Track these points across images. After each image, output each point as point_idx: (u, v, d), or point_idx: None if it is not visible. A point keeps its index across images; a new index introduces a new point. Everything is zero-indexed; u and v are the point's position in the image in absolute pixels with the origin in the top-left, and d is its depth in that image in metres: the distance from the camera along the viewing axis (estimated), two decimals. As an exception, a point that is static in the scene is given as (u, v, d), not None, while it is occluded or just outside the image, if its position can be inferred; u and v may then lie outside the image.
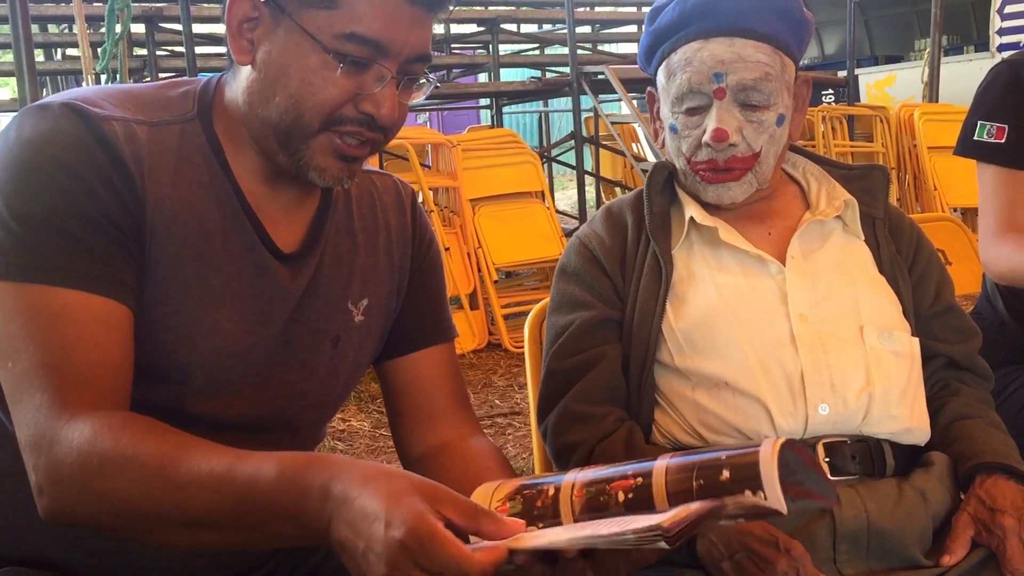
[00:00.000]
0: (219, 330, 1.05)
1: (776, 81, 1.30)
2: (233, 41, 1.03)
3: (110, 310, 0.97)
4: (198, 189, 1.05)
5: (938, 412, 1.35)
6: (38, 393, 0.93)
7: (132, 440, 0.91)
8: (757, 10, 1.29)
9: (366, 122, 1.04)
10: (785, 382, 1.25)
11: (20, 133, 0.98)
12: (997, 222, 1.79)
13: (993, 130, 1.80)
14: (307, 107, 1.01)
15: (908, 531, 1.20)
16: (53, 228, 0.95)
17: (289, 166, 1.06)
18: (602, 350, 1.33)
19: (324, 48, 0.99)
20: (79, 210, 0.96)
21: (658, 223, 1.38)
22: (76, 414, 0.92)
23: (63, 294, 0.95)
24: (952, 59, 9.28)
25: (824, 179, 1.43)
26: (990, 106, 1.82)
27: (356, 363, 1.21)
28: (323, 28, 0.99)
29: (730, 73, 1.28)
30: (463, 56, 9.86)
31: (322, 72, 1.00)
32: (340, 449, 3.47)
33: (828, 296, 1.31)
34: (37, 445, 0.92)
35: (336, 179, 1.06)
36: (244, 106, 1.05)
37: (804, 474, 0.95)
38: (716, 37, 1.29)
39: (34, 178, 0.96)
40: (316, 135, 1.03)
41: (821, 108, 6.89)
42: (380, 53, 1.01)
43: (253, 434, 1.12)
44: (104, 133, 0.98)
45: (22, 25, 3.69)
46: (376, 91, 1.02)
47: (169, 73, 7.65)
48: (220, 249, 1.06)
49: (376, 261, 1.21)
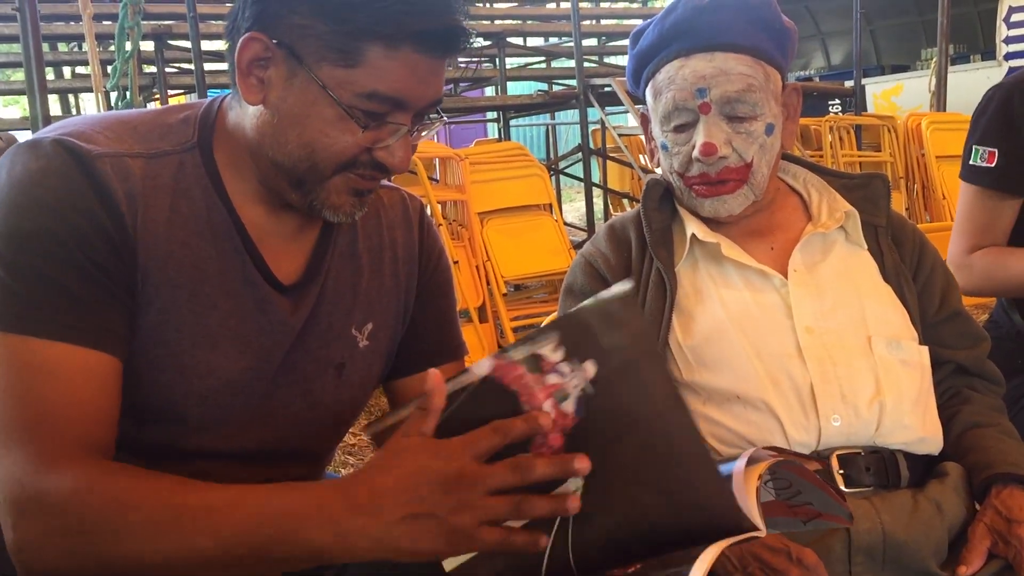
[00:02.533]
0: (216, 369, 1.03)
1: (760, 91, 1.30)
2: (242, 80, 1.00)
3: (96, 362, 0.95)
4: (194, 226, 1.02)
5: (950, 421, 1.34)
6: (16, 448, 0.91)
7: (129, 483, 0.89)
8: (734, 23, 1.30)
9: (379, 167, 1.03)
10: (795, 395, 1.25)
11: (11, 173, 0.96)
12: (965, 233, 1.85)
13: (985, 154, 1.82)
14: (321, 157, 1.00)
15: (924, 543, 1.19)
16: (40, 276, 0.93)
17: (301, 204, 1.04)
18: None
19: (343, 107, 0.97)
20: (68, 257, 0.94)
21: (659, 239, 1.38)
22: (57, 468, 0.89)
23: (47, 347, 0.93)
24: (959, 68, 9.28)
25: (825, 190, 1.43)
26: (982, 130, 1.85)
27: (363, 387, 1.19)
28: (343, 85, 0.96)
29: (713, 87, 1.29)
30: (470, 70, 9.87)
31: (340, 125, 0.98)
32: (350, 463, 3.47)
33: (834, 307, 1.31)
34: (16, 503, 0.89)
35: (349, 214, 1.05)
36: (253, 143, 1.03)
37: (810, 493, 0.94)
38: (696, 54, 1.30)
39: (23, 223, 0.93)
40: (331, 178, 1.02)
41: (828, 118, 6.88)
42: (398, 108, 0.99)
43: (258, 464, 1.11)
44: (96, 173, 0.96)
45: (33, 45, 3.72)
46: (391, 142, 1.01)
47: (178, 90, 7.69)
48: (217, 287, 1.03)
49: (381, 282, 1.19)
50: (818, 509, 0.95)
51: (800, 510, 0.91)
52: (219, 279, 1.04)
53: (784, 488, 0.96)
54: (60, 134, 0.98)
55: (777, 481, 0.97)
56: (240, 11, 1.00)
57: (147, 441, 1.02)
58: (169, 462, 1.03)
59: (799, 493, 0.95)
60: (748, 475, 0.88)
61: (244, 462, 1.09)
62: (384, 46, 0.95)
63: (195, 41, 5.03)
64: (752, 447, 1.23)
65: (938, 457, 1.31)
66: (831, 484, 1.00)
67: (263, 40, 0.98)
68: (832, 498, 0.97)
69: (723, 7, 1.30)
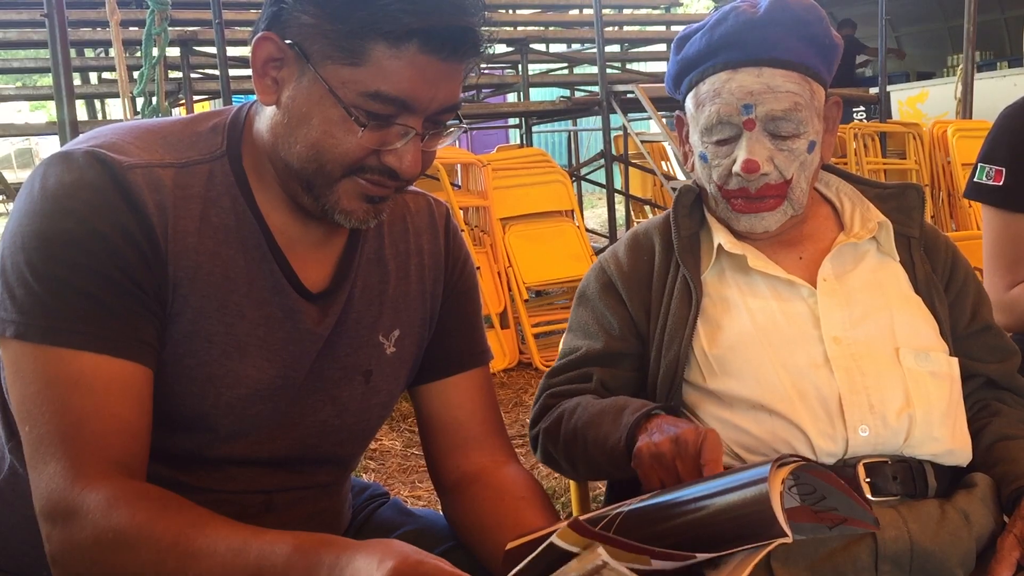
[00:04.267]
0: (245, 378, 1.04)
1: (806, 110, 1.29)
2: (258, 80, 1.01)
3: (128, 373, 0.96)
4: (224, 236, 1.03)
5: (979, 433, 1.33)
6: (53, 461, 0.93)
7: (147, 516, 0.90)
8: (784, 39, 1.28)
9: (388, 172, 1.01)
10: (822, 405, 1.24)
11: (44, 184, 0.96)
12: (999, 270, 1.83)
13: (992, 172, 1.81)
14: (328, 158, 0.99)
15: (951, 552, 1.18)
16: (73, 289, 0.94)
17: (314, 208, 1.04)
18: (589, 372, 1.38)
19: (345, 106, 0.96)
20: (100, 270, 0.95)
21: (687, 247, 1.38)
22: (90, 484, 0.91)
23: (81, 358, 0.94)
24: (985, 75, 9.20)
25: (858, 199, 1.42)
26: (990, 148, 1.86)
27: (390, 394, 1.19)
28: (347, 84, 0.96)
29: (759, 104, 1.27)
30: (492, 76, 9.92)
31: (343, 126, 0.97)
32: (372, 468, 3.47)
33: (863, 318, 1.30)
34: (51, 514, 0.92)
35: (362, 220, 1.05)
36: (269, 145, 1.03)
37: (835, 499, 0.93)
38: (744, 67, 1.28)
39: (56, 237, 0.94)
40: (339, 180, 1.01)
41: (853, 125, 6.85)
42: (405, 110, 0.98)
43: (286, 470, 1.11)
44: (128, 185, 0.97)
45: (61, 50, 3.76)
46: (399, 145, 1.00)
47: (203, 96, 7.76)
48: (245, 296, 1.04)
49: (408, 289, 1.19)
50: (843, 514, 0.94)
51: (825, 515, 0.90)
52: (248, 288, 1.04)
53: (808, 493, 0.95)
54: (92, 145, 0.98)
55: (801, 486, 0.96)
56: (261, 13, 1.01)
57: (177, 449, 1.03)
58: (199, 469, 1.05)
59: (824, 498, 0.94)
60: (771, 481, 0.87)
61: (273, 468, 1.10)
62: (387, 45, 0.94)
63: (220, 47, 5.08)
64: (776, 454, 1.23)
65: (966, 468, 1.30)
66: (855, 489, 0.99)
67: (275, 40, 0.98)
68: (857, 503, 0.96)
69: (775, 22, 1.28)
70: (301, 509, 1.14)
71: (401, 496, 3.12)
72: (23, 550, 1.07)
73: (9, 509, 1.08)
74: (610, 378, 1.37)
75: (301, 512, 1.14)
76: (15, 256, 0.95)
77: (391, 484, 3.33)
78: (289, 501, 1.13)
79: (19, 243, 0.95)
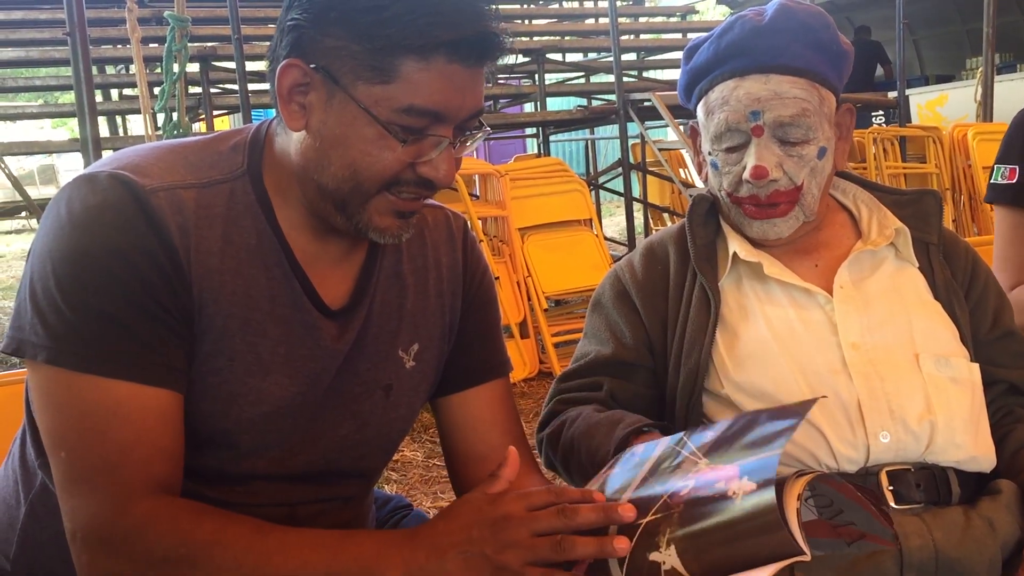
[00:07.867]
0: (267, 395, 1.05)
1: (815, 116, 1.29)
2: (284, 107, 1.01)
3: (163, 400, 0.98)
4: (246, 255, 1.04)
5: (1003, 440, 1.32)
6: (99, 491, 0.94)
7: (214, 525, 0.94)
8: (791, 45, 1.29)
9: (424, 183, 1.03)
10: (842, 411, 1.24)
11: (70, 208, 0.97)
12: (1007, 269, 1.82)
13: (1006, 171, 1.81)
14: (365, 176, 1.00)
15: (977, 560, 1.17)
16: (105, 316, 0.95)
17: (346, 227, 1.05)
18: (599, 380, 1.39)
19: (382, 124, 0.97)
20: (130, 296, 0.96)
21: (703, 255, 1.38)
22: (143, 508, 0.94)
23: (117, 387, 0.95)
24: (1005, 77, 9.13)
25: (875, 206, 1.42)
26: (1005, 149, 1.86)
27: (410, 407, 1.20)
28: (380, 103, 0.97)
29: (767, 111, 1.28)
30: (509, 86, 9.93)
31: (380, 142, 0.98)
32: (394, 480, 3.48)
33: (881, 323, 1.30)
34: (97, 541, 0.94)
35: (396, 236, 1.06)
36: (299, 168, 1.04)
37: (852, 512, 0.91)
38: (751, 75, 1.29)
39: (86, 263, 0.95)
40: (373, 197, 1.02)
41: (872, 130, 6.81)
42: (437, 120, 0.99)
43: (309, 484, 1.12)
44: (151, 208, 0.97)
45: (83, 68, 3.81)
46: (433, 156, 1.01)
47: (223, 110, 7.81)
48: (267, 314, 1.05)
49: (426, 303, 1.20)
50: (861, 529, 0.93)
51: (843, 530, 0.89)
52: (270, 306, 1.05)
53: (826, 506, 0.94)
54: (115, 168, 0.99)
55: (818, 499, 0.94)
56: (278, 40, 1.02)
57: (202, 465, 1.04)
58: (222, 484, 1.06)
59: (841, 512, 0.93)
60: (787, 493, 0.86)
61: (295, 482, 1.11)
62: (417, 59, 0.96)
63: (239, 62, 5.12)
64: (797, 462, 1.23)
65: (990, 474, 1.29)
66: (873, 501, 0.98)
67: (300, 66, 0.99)
68: (875, 517, 0.94)
69: (781, 30, 1.29)
70: (325, 521, 1.15)
71: (423, 507, 3.13)
72: (52, 566, 1.08)
73: (39, 526, 1.10)
74: (620, 390, 1.38)
75: (325, 524, 1.14)
76: (45, 281, 0.96)
77: (413, 495, 3.34)
78: (312, 514, 1.14)
79: (48, 268, 0.96)
